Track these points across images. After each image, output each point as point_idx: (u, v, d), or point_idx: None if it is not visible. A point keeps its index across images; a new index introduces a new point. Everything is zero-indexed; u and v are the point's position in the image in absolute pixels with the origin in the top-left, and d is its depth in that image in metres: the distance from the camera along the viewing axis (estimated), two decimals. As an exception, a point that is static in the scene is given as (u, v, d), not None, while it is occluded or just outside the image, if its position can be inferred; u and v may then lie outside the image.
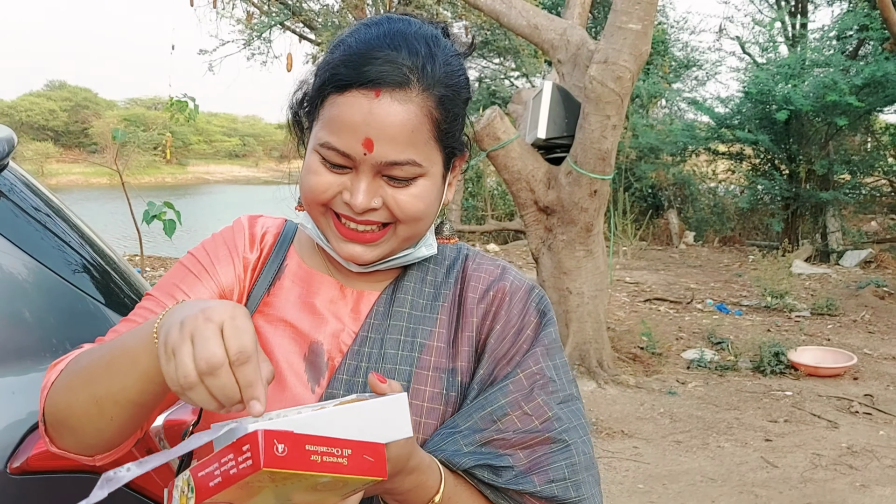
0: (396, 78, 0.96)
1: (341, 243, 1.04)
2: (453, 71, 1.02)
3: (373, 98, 0.96)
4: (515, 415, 1.01)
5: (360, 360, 1.05)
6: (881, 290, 8.85)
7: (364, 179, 0.99)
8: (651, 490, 3.91)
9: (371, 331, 1.07)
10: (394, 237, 1.04)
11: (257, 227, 1.16)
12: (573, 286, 5.62)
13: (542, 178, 5.62)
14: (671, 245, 13.61)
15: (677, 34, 16.52)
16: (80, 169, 40.64)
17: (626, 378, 5.59)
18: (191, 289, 1.07)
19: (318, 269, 1.12)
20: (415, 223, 1.03)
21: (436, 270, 1.13)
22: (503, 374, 1.05)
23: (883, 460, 4.33)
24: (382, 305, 1.09)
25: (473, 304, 1.10)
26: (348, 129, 0.96)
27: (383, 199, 1.01)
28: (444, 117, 1.00)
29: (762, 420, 4.95)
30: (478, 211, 15.05)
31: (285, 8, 14.13)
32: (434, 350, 1.06)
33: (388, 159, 0.97)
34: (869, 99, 10.88)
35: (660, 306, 8.36)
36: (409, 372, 1.04)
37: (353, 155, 0.97)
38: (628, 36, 5.13)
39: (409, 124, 0.97)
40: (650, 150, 13.67)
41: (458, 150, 1.07)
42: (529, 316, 1.09)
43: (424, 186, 1.02)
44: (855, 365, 6.02)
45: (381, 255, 1.05)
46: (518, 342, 1.07)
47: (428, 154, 1.00)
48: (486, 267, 1.14)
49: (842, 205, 12.57)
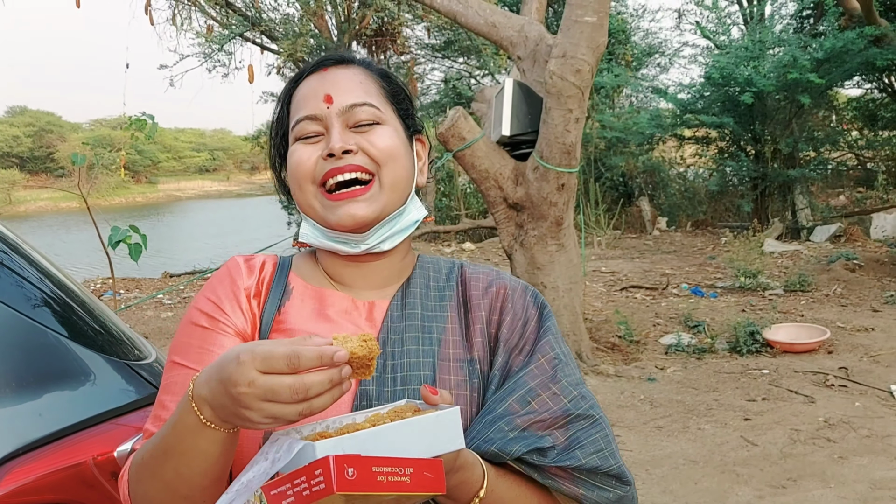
0: (340, 58, 1.17)
1: (338, 210, 1.10)
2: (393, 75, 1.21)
3: (323, 73, 1.14)
4: (547, 395, 1.09)
5: (385, 358, 1.10)
6: (851, 263, 9.00)
7: (335, 129, 1.10)
8: (635, 476, 3.93)
9: (390, 332, 1.13)
10: (381, 189, 1.12)
11: (253, 261, 1.20)
12: (547, 280, 5.66)
13: (510, 175, 5.66)
14: (645, 232, 13.73)
15: (637, 22, 16.66)
16: (48, 195, 40.10)
17: (606, 368, 5.64)
18: (215, 344, 1.10)
19: (325, 287, 1.18)
20: (392, 163, 1.12)
21: (436, 277, 1.21)
22: (518, 361, 1.13)
23: (860, 431, 4.41)
24: (396, 310, 1.16)
25: (478, 300, 1.18)
26: (309, 98, 1.12)
27: (357, 145, 1.10)
28: (388, 85, 1.17)
29: (741, 399, 5.02)
30: (451, 210, 15.08)
31: (244, 19, 14.05)
32: (451, 343, 1.14)
33: (348, 103, 1.11)
34: (829, 74, 11.05)
35: (636, 294, 8.43)
36: (432, 363, 1.11)
37: (319, 113, 1.11)
38: (584, 29, 5.17)
39: (356, 78, 1.14)
40: (618, 139, 13.78)
41: (411, 123, 1.19)
42: (530, 309, 1.18)
43: (387, 131, 1.13)
44: (829, 339, 6.12)
45: (377, 210, 1.11)
46: (526, 333, 1.15)
47: (382, 103, 1.14)
48: (482, 270, 1.23)
49: (809, 181, 12.76)
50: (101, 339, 1.67)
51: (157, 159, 49.81)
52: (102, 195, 29.06)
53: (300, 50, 13.05)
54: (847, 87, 14.36)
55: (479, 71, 16.87)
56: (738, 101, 11.43)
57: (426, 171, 1.23)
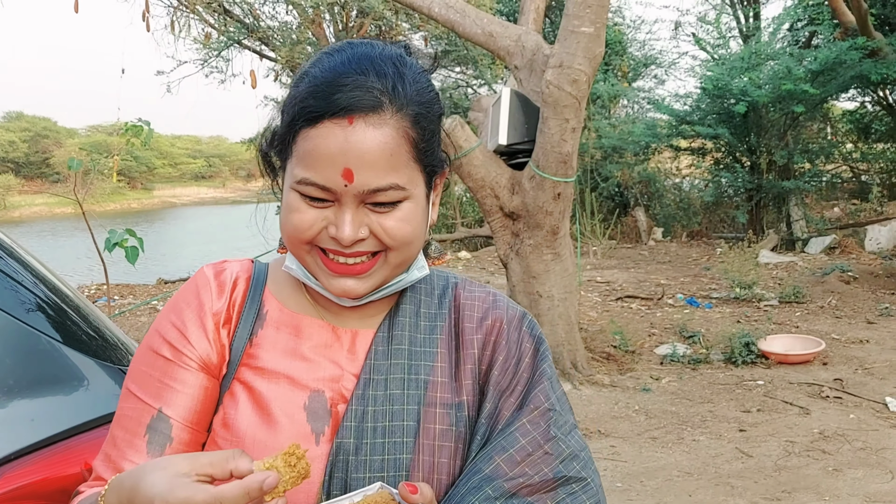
0: (368, 102, 0.94)
1: (332, 279, 1.00)
2: (423, 88, 1.00)
3: (346, 126, 0.93)
4: (538, 454, 1.01)
5: (365, 404, 1.02)
6: (846, 275, 9.02)
7: (348, 211, 0.96)
8: (629, 488, 3.94)
9: (373, 372, 1.04)
10: (385, 265, 1.01)
11: (224, 275, 1.09)
12: (543, 290, 5.66)
13: (506, 183, 5.66)
14: (640, 242, 13.75)
15: (634, 34, 16.73)
16: (43, 200, 40.02)
17: (601, 378, 5.63)
18: (176, 379, 1.03)
19: (304, 312, 1.08)
20: (405, 248, 1.00)
21: (428, 301, 1.11)
22: (508, 405, 1.04)
23: (854, 443, 4.40)
24: (381, 344, 1.06)
25: (472, 335, 1.08)
26: (325, 161, 0.94)
27: (370, 228, 0.98)
28: (421, 136, 0.98)
29: (735, 411, 5.01)
30: (447, 219, 15.08)
31: (242, 27, 14.07)
32: (438, 386, 1.05)
33: (371, 187, 0.95)
34: (824, 87, 11.10)
35: (631, 304, 8.43)
36: (417, 411, 1.02)
37: (334, 188, 0.95)
38: (581, 39, 5.19)
39: (387, 148, 0.94)
40: (614, 149, 13.82)
41: (437, 168, 1.05)
42: (525, 343, 1.09)
43: (409, 209, 0.99)
44: (824, 350, 6.13)
45: (375, 284, 1.02)
46: (519, 372, 1.07)
47: (410, 176, 0.98)
48: (478, 294, 1.13)
49: (804, 193, 12.81)
50: (94, 344, 1.67)
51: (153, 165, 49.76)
52: (97, 201, 29.04)
53: (297, 57, 13.07)
54: (842, 100, 14.43)
55: (476, 80, 16.92)
56: (733, 113, 11.49)
57: (438, 204, 1.11)
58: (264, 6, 14.44)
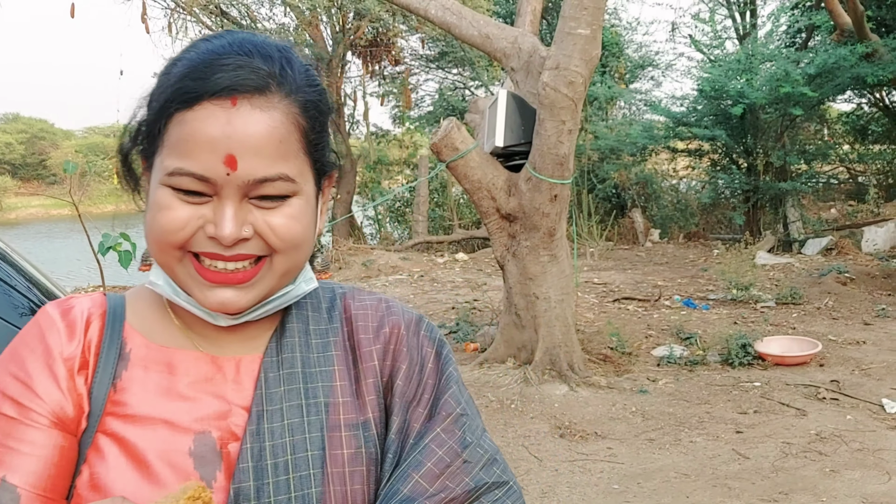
0: (254, 83, 0.83)
1: (208, 291, 0.86)
2: (312, 78, 0.90)
3: (229, 108, 0.81)
4: (457, 464, 0.93)
5: (262, 440, 0.89)
6: (843, 276, 9.03)
7: (230, 205, 0.83)
8: (626, 490, 3.94)
9: (266, 403, 0.91)
10: (270, 273, 0.88)
11: (73, 313, 0.93)
12: (539, 291, 5.66)
13: (503, 185, 5.66)
14: (637, 244, 13.75)
15: (631, 35, 16.75)
16: (40, 201, 39.95)
17: (598, 379, 5.63)
18: (23, 440, 0.86)
19: (175, 344, 0.93)
20: (293, 252, 0.88)
21: (316, 317, 0.99)
22: (417, 416, 0.96)
23: (851, 444, 4.40)
24: (271, 370, 0.93)
25: (369, 346, 0.98)
26: (204, 147, 0.81)
27: (254, 227, 0.85)
28: (311, 126, 0.88)
29: (732, 412, 5.01)
30: (444, 220, 15.08)
31: (239, 28, 14.06)
32: (340, 407, 0.93)
33: (257, 176, 0.82)
34: (821, 89, 11.13)
35: (628, 305, 8.43)
36: (320, 438, 0.91)
37: (214, 177, 0.82)
38: (578, 41, 5.19)
39: (276, 134, 0.83)
40: (611, 151, 13.84)
41: (327, 168, 0.94)
42: (426, 348, 1.00)
43: (300, 207, 0.87)
44: (820, 352, 6.13)
45: (258, 296, 0.88)
46: (423, 379, 0.97)
47: (300, 168, 0.87)
48: (369, 303, 1.02)
49: (800, 194, 12.83)
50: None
51: (150, 167, 49.72)
52: (94, 203, 29.02)
53: (294, 59, 13.05)
54: (838, 101, 14.47)
55: (472, 82, 16.93)
56: (730, 114, 11.51)
57: (326, 213, 0.99)
58: (261, 8, 14.46)
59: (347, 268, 11.67)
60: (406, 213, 15.70)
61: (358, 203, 15.49)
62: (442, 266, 11.79)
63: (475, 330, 6.93)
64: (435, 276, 10.90)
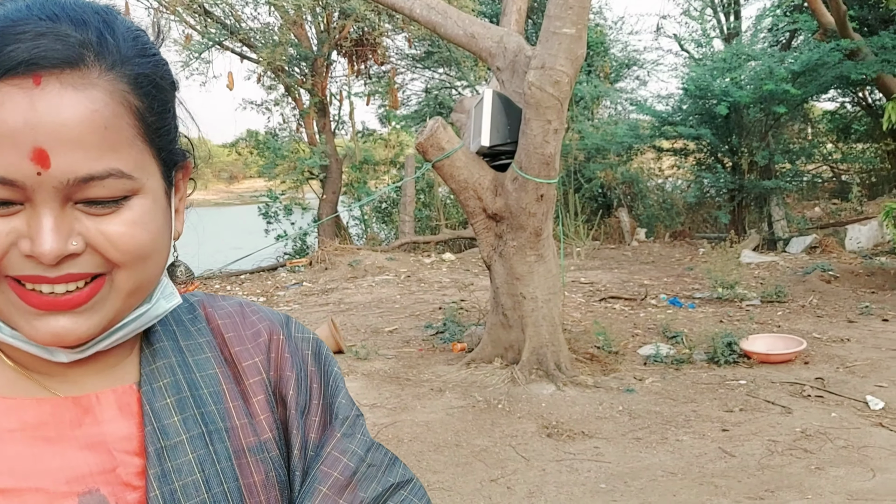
0: (62, 54, 0.64)
1: (36, 321, 0.68)
2: (146, 46, 0.72)
3: (32, 88, 0.63)
4: (362, 470, 0.86)
5: (170, 482, 0.75)
6: (827, 274, 9.09)
7: (47, 213, 0.65)
8: (613, 489, 3.94)
9: (163, 438, 0.76)
10: (113, 293, 0.71)
11: None
12: (526, 291, 5.65)
13: (489, 185, 5.65)
14: (624, 243, 13.80)
15: (616, 35, 16.81)
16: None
17: (585, 378, 5.63)
18: None
19: (18, 393, 0.74)
20: (140, 265, 0.71)
21: (184, 332, 0.84)
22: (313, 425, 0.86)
23: (836, 442, 4.43)
24: (157, 399, 0.78)
25: (250, 359, 0.85)
26: (4, 141, 0.63)
27: (85, 238, 0.67)
28: (149, 107, 0.70)
29: (718, 410, 5.03)
30: (431, 221, 15.06)
31: (223, 28, 13.99)
32: (240, 430, 0.81)
33: (78, 174, 0.65)
34: (805, 87, 11.22)
35: (615, 304, 8.45)
36: (231, 468, 0.78)
37: (21, 180, 0.64)
38: (563, 41, 5.19)
39: (98, 118, 0.65)
40: (597, 150, 13.89)
41: (178, 158, 0.76)
42: (304, 350, 0.89)
43: (143, 208, 0.70)
44: (805, 350, 6.16)
45: (101, 322, 0.71)
46: (310, 384, 0.88)
47: (138, 161, 0.69)
48: (231, 309, 0.89)
49: (784, 193, 12.92)
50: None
51: (135, 168, 49.37)
52: (78, 204, 28.75)
53: (279, 59, 13.01)
54: (822, 100, 14.59)
55: (459, 82, 16.92)
56: (715, 114, 11.57)
57: (183, 210, 0.81)
58: (245, 7, 14.39)
59: (334, 268, 11.64)
60: (393, 214, 15.68)
61: (344, 203, 15.45)
62: (429, 266, 11.78)
63: (462, 330, 6.92)
64: (422, 276, 10.89)
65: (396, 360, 6.41)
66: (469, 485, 4.00)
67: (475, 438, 4.63)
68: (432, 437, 4.67)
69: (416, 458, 4.34)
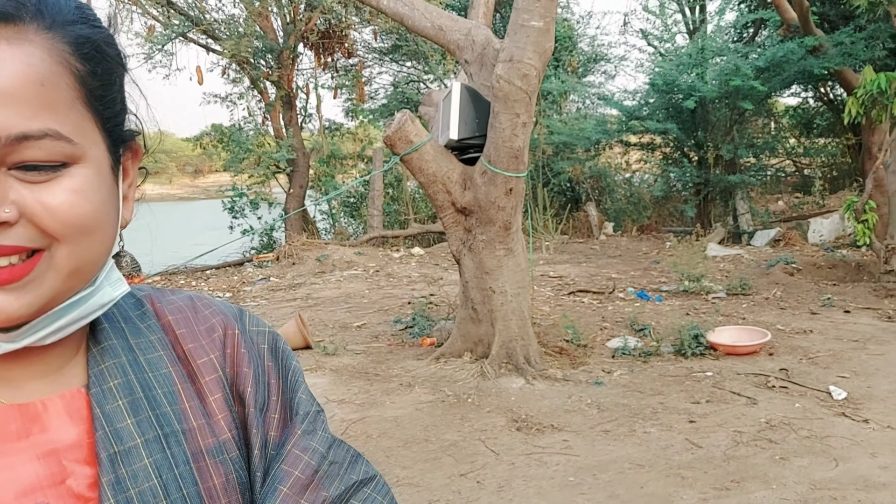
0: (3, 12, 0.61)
1: None
2: (89, 14, 0.68)
3: None
4: (324, 468, 0.83)
5: (125, 489, 0.70)
6: (790, 266, 9.23)
7: None
8: (582, 482, 3.95)
9: (116, 443, 0.71)
10: (52, 270, 0.65)
11: None
12: (496, 285, 5.65)
13: (458, 179, 5.63)
14: (592, 237, 13.88)
15: (584, 29, 16.88)
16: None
17: (554, 372, 5.64)
18: None
19: None
20: (83, 240, 0.65)
21: (133, 329, 0.79)
22: (273, 423, 0.83)
23: (800, 432, 4.49)
24: (108, 402, 0.73)
25: (205, 356, 0.81)
26: None
27: (19, 206, 0.62)
28: (91, 70, 0.66)
29: (685, 402, 5.07)
30: (399, 215, 15.01)
31: (187, 19, 13.76)
32: (197, 432, 0.77)
33: (10, 132, 0.60)
34: (769, 82, 11.37)
35: (583, 298, 8.49)
36: (190, 472, 0.75)
37: None
38: (531, 33, 5.18)
39: (32, 72, 0.61)
40: (565, 145, 13.95)
41: (125, 136, 0.72)
42: (260, 344, 0.86)
43: (86, 178, 0.65)
44: (770, 341, 6.24)
45: (37, 301, 0.65)
46: (268, 380, 0.84)
47: (77, 124, 0.64)
48: (182, 304, 0.84)
49: (749, 187, 13.11)
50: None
51: (98, 162, 48.51)
52: (39, 198, 28.19)
53: (244, 51, 12.84)
54: (785, 95, 14.81)
55: (427, 76, 16.86)
56: (681, 108, 11.68)
57: (133, 198, 0.76)
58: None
59: (301, 263, 11.54)
60: (361, 208, 15.59)
61: (311, 197, 15.31)
62: (398, 261, 11.73)
63: (431, 325, 6.90)
64: (391, 270, 10.84)
65: (365, 355, 6.37)
66: (438, 480, 3.98)
67: (444, 433, 4.61)
68: (401, 432, 4.64)
69: (385, 454, 4.31)
